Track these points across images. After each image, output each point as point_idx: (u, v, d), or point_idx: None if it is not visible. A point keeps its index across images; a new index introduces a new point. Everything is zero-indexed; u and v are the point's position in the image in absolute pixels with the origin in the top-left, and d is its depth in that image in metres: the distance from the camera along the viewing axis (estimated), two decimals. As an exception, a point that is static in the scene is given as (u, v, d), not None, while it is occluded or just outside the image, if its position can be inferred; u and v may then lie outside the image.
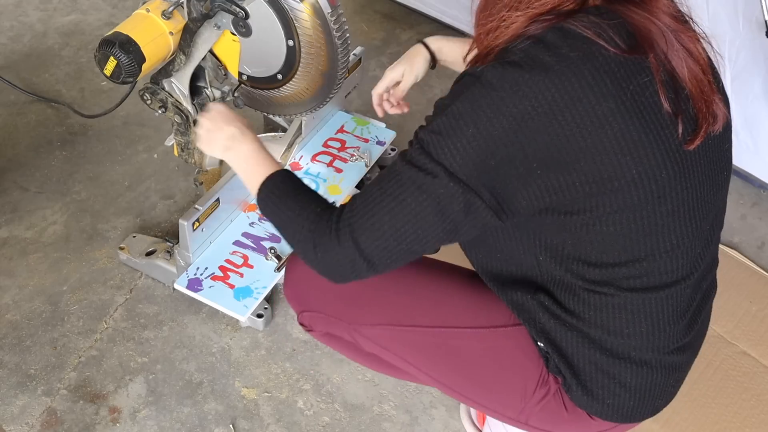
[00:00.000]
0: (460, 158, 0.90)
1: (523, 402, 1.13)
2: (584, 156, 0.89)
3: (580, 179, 0.90)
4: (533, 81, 0.87)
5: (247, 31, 1.48)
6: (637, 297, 1.00)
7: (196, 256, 1.63)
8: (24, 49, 2.40)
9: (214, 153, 1.25)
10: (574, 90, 0.87)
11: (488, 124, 0.88)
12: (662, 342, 1.04)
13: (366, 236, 0.97)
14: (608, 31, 0.89)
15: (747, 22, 1.75)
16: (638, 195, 0.92)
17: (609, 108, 0.88)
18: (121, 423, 1.52)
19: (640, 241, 0.96)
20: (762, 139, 1.92)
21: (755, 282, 1.80)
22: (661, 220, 0.95)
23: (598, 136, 0.88)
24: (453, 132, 0.90)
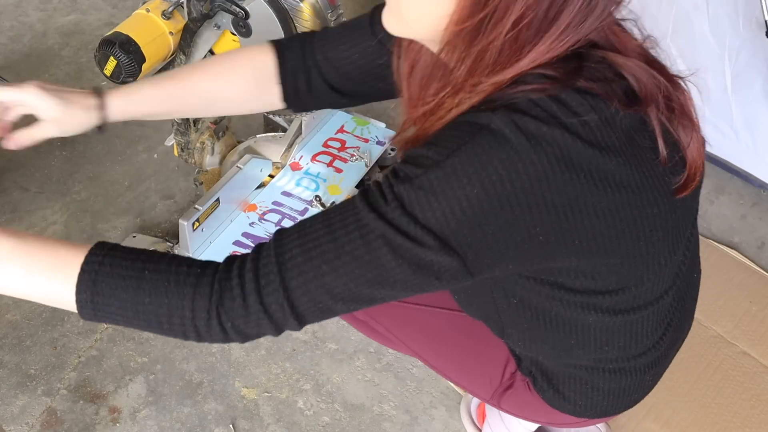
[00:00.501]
0: (456, 223, 0.74)
1: (491, 388, 1.17)
2: (588, 214, 0.78)
3: (579, 237, 0.80)
4: (551, 134, 0.74)
5: (247, 31, 1.48)
6: (619, 318, 0.95)
7: (196, 256, 1.63)
8: (24, 49, 2.40)
9: None
10: (590, 147, 0.76)
11: (499, 185, 0.73)
12: (639, 350, 1.02)
13: (306, 299, 0.78)
14: (612, 84, 0.79)
15: (747, 22, 1.75)
16: (632, 236, 0.83)
17: (617, 162, 0.77)
18: (121, 423, 1.52)
19: (630, 272, 0.88)
20: (762, 139, 1.92)
21: (755, 282, 1.80)
22: (653, 248, 0.87)
23: (605, 192, 0.78)
24: (451, 191, 0.73)
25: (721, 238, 1.92)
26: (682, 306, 1.07)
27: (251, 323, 0.79)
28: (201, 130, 1.71)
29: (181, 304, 0.78)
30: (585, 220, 0.78)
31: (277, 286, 0.78)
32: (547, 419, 1.17)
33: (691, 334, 1.17)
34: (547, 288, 0.92)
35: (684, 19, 1.85)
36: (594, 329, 0.96)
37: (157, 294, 0.79)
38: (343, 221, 0.78)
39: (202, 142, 1.74)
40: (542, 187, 0.74)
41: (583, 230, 0.78)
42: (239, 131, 2.00)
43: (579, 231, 0.78)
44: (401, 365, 1.62)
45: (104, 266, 0.79)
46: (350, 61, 1.07)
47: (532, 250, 0.78)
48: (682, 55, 1.91)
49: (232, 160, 1.80)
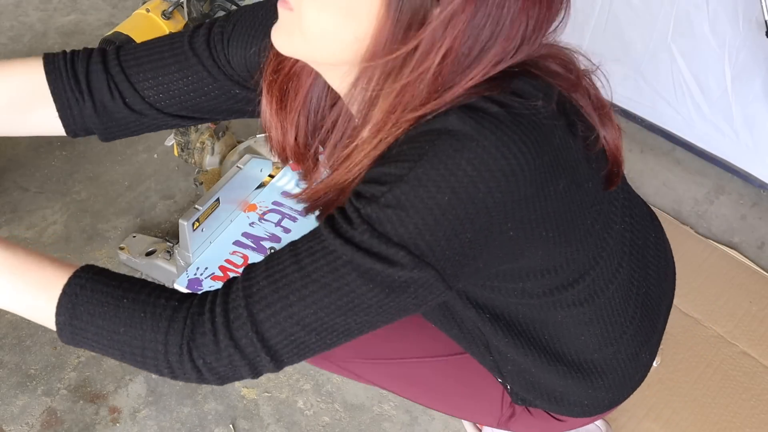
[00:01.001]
0: (431, 235, 0.70)
1: (496, 419, 1.18)
2: (551, 200, 0.75)
3: (545, 227, 0.77)
4: (516, 125, 0.70)
5: (247, 31, 1.48)
6: (587, 308, 0.94)
7: (196, 256, 1.63)
8: (24, 49, 2.40)
9: None
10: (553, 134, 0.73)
11: (471, 187, 0.69)
12: (619, 331, 1.00)
13: (276, 331, 0.74)
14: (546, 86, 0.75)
15: (747, 22, 1.75)
16: (581, 215, 0.81)
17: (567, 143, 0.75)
18: (121, 423, 1.52)
19: (584, 256, 0.87)
20: (762, 139, 1.92)
21: (755, 282, 1.80)
22: (596, 224, 0.85)
23: (563, 175, 0.75)
24: (421, 203, 0.69)
25: (721, 238, 1.92)
26: (645, 272, 1.03)
27: (223, 360, 0.75)
28: (201, 130, 1.71)
29: (154, 337, 0.75)
30: (549, 206, 0.74)
31: (245, 319, 0.74)
32: (561, 427, 1.17)
33: (691, 334, 1.17)
34: (513, 298, 0.90)
35: (684, 19, 1.85)
36: (567, 325, 0.95)
37: (132, 324, 0.75)
38: (309, 250, 0.74)
39: (202, 142, 1.74)
40: (518, 180, 0.70)
41: (548, 219, 0.75)
42: (239, 131, 2.00)
43: (545, 220, 0.75)
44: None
45: (85, 290, 0.76)
46: (168, 87, 0.93)
47: (501, 247, 0.75)
48: (682, 55, 1.91)
49: (232, 160, 1.80)
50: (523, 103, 0.71)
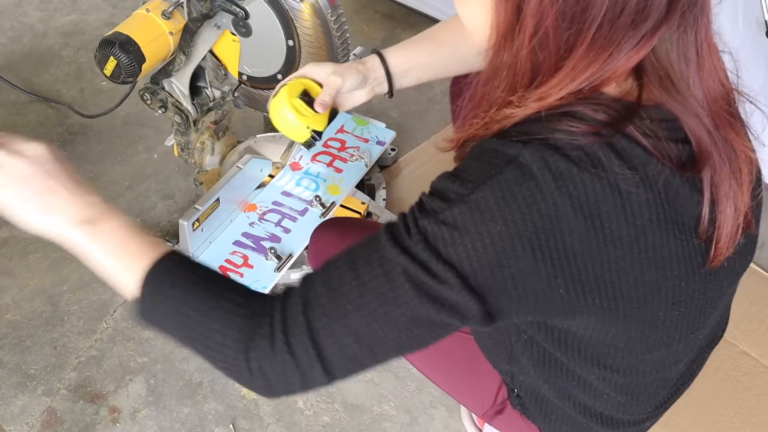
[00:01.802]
0: (477, 261, 0.71)
1: (482, 408, 1.18)
2: (608, 268, 0.74)
3: (599, 294, 0.76)
4: (580, 178, 0.70)
5: (247, 31, 1.48)
6: (622, 378, 0.93)
7: (196, 256, 1.63)
8: (24, 49, 2.40)
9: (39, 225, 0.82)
10: (622, 199, 0.72)
11: (521, 223, 0.70)
12: (639, 408, 1.01)
13: (329, 342, 0.75)
14: (665, 142, 0.74)
15: (747, 22, 1.75)
16: (650, 305, 0.79)
17: (647, 220, 0.73)
18: (121, 423, 1.52)
19: (641, 342, 0.85)
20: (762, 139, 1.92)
21: (755, 282, 1.80)
22: (671, 321, 0.84)
23: (626, 250, 0.74)
24: (474, 227, 0.71)
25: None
26: (691, 373, 1.07)
27: (276, 365, 0.75)
28: (201, 130, 1.71)
29: (219, 329, 0.76)
30: (606, 274, 0.74)
31: (302, 327, 0.74)
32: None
33: (691, 334, 1.17)
34: (555, 344, 0.89)
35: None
36: (595, 384, 0.95)
37: (202, 312, 0.77)
38: (366, 257, 0.75)
39: (202, 142, 1.74)
40: (563, 230, 0.70)
41: (603, 287, 0.75)
42: (239, 131, 2.00)
43: (599, 287, 0.74)
44: (401, 365, 1.62)
45: (171, 270, 0.79)
46: None
47: (552, 302, 0.75)
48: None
49: (232, 160, 1.80)
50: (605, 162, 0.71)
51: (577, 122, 0.72)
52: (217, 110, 1.70)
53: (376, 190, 1.88)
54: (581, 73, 0.72)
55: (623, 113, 0.73)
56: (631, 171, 0.71)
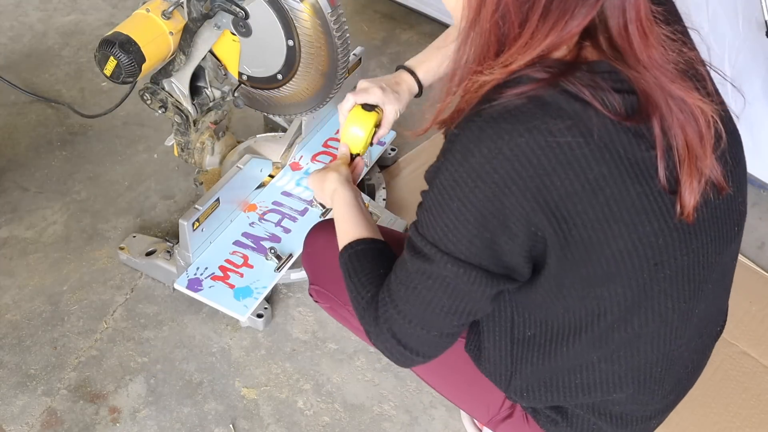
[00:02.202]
0: (452, 236, 0.84)
1: (489, 415, 1.17)
2: (574, 222, 0.81)
3: (570, 248, 0.83)
4: (517, 141, 0.78)
5: (247, 31, 1.48)
6: (627, 359, 0.96)
7: (196, 256, 1.63)
8: (24, 49, 2.40)
9: (326, 195, 1.24)
10: (564, 153, 0.78)
11: (471, 195, 0.80)
12: (645, 401, 1.02)
13: (398, 326, 0.95)
14: (608, 93, 0.80)
15: (747, 22, 1.75)
16: (632, 263, 0.85)
17: (602, 173, 0.80)
18: (121, 423, 1.52)
19: (634, 308, 0.90)
20: (762, 139, 1.92)
21: (755, 282, 1.80)
22: (657, 285, 0.88)
23: (589, 202, 0.81)
24: (440, 208, 0.84)
25: (721, 238, 1.92)
26: (695, 367, 1.08)
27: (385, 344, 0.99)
28: (201, 130, 1.71)
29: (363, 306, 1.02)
30: (572, 230, 0.82)
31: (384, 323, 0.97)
32: None
33: (691, 334, 1.16)
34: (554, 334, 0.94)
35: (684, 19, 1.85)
36: (601, 369, 0.96)
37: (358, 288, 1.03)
38: (400, 260, 0.95)
39: (202, 142, 1.74)
40: (514, 193, 0.79)
41: (572, 240, 0.82)
42: (239, 131, 2.00)
43: (568, 240, 0.82)
44: (401, 365, 1.62)
45: (356, 251, 1.07)
46: None
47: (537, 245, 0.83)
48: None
49: (232, 160, 1.80)
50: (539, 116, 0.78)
51: (517, 87, 0.80)
52: (217, 110, 1.70)
53: (376, 190, 1.88)
54: (541, 41, 0.79)
55: (563, 69, 0.80)
56: (565, 123, 0.78)
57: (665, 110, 0.81)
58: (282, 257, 1.63)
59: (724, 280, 1.02)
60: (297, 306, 1.71)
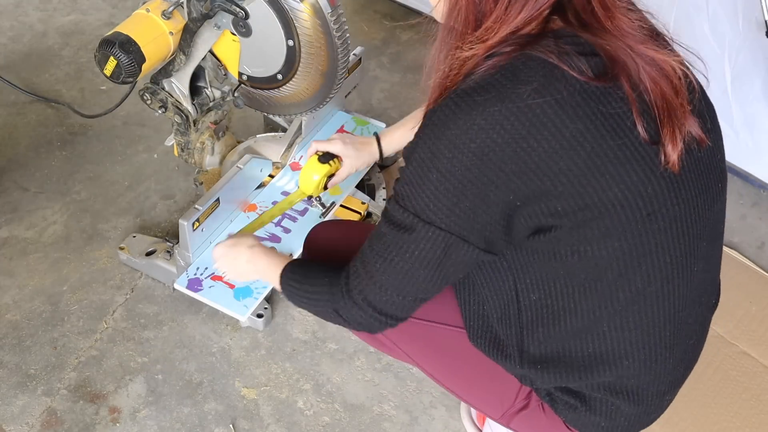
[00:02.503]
0: (433, 206, 0.89)
1: (503, 408, 1.16)
2: (560, 180, 0.85)
3: (562, 205, 0.86)
4: (489, 111, 0.83)
5: (247, 31, 1.48)
6: (635, 322, 0.97)
7: (196, 256, 1.63)
8: (24, 49, 2.40)
9: (243, 276, 1.33)
10: (536, 115, 0.82)
11: (449, 165, 0.85)
12: (657, 371, 1.03)
13: (373, 296, 1.00)
14: (573, 56, 0.84)
15: (747, 22, 1.75)
16: (625, 214, 0.88)
17: (578, 129, 0.83)
18: (121, 423, 1.52)
19: (633, 263, 0.92)
20: (762, 139, 1.92)
21: (755, 282, 1.80)
22: (653, 238, 0.91)
23: (571, 159, 0.84)
24: (420, 180, 0.89)
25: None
26: (698, 339, 1.09)
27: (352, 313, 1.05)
28: (201, 130, 1.71)
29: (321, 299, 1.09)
30: (558, 186, 0.85)
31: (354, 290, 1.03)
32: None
33: (691, 334, 1.16)
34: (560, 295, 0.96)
35: (684, 19, 1.85)
36: (612, 337, 0.97)
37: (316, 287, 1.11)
38: (376, 231, 0.99)
39: (202, 142, 1.74)
40: (492, 159, 0.84)
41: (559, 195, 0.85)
42: (239, 131, 2.00)
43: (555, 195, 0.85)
44: (401, 365, 1.62)
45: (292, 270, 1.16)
46: None
47: (518, 215, 0.88)
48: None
49: (232, 160, 1.80)
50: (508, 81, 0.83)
51: (489, 61, 0.85)
52: (217, 110, 1.70)
53: (376, 190, 1.88)
54: (515, 15, 0.85)
55: (530, 40, 0.85)
56: (533, 86, 0.82)
57: (634, 69, 0.85)
58: (282, 257, 1.63)
59: (716, 243, 1.05)
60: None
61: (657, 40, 0.92)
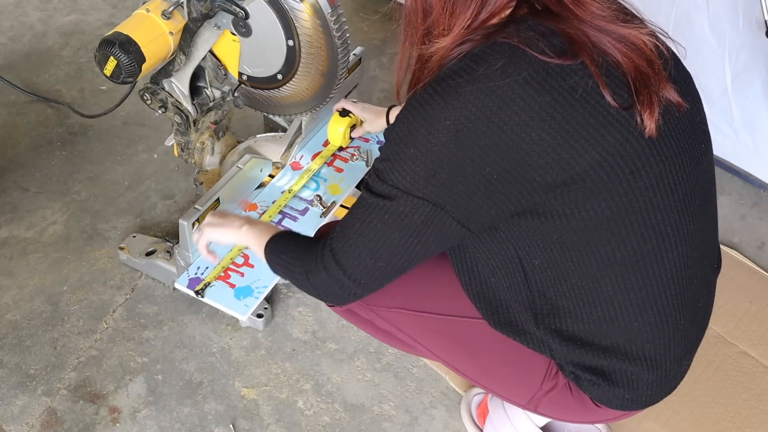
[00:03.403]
0: (410, 178, 0.94)
1: (531, 393, 1.17)
2: (534, 150, 0.90)
3: (540, 174, 0.91)
4: (461, 92, 0.90)
5: (247, 31, 1.48)
6: (637, 282, 1.00)
7: (196, 256, 1.63)
8: (24, 49, 2.40)
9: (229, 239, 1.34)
10: (504, 92, 0.88)
11: (425, 141, 0.92)
12: (670, 333, 1.05)
13: (345, 258, 1.04)
14: (536, 39, 0.90)
15: (747, 21, 1.75)
16: (606, 174, 0.92)
17: (546, 102, 0.89)
18: (121, 423, 1.52)
19: (624, 222, 0.95)
20: (762, 139, 1.92)
21: (755, 282, 1.80)
22: (641, 195, 0.95)
23: (542, 129, 0.89)
24: (397, 156, 0.95)
25: (721, 238, 1.91)
26: (705, 304, 1.11)
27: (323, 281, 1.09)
28: (201, 130, 1.71)
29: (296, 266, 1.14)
30: (534, 156, 0.90)
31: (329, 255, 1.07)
32: (584, 418, 1.19)
33: (691, 334, 1.16)
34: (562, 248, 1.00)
35: (684, 19, 1.85)
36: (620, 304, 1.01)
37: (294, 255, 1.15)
38: (358, 200, 1.04)
39: (202, 142, 1.74)
40: (465, 135, 0.90)
41: (536, 164, 0.90)
42: (239, 131, 2.00)
43: (532, 165, 0.90)
44: (401, 365, 1.62)
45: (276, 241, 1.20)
46: None
47: (497, 188, 0.93)
48: (681, 55, 1.91)
49: (232, 160, 1.80)
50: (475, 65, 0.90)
51: (459, 50, 0.93)
52: (217, 110, 1.70)
53: (376, 190, 1.88)
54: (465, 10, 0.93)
55: (495, 29, 0.92)
56: (498, 66, 0.88)
57: (601, 46, 0.91)
58: (282, 257, 1.63)
59: (709, 204, 1.08)
60: (297, 306, 1.71)
61: (628, 18, 0.97)
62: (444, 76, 0.92)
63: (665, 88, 0.95)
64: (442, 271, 1.20)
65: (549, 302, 1.05)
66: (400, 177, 0.95)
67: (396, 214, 0.97)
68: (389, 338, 1.30)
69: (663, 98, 0.95)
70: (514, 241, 1.01)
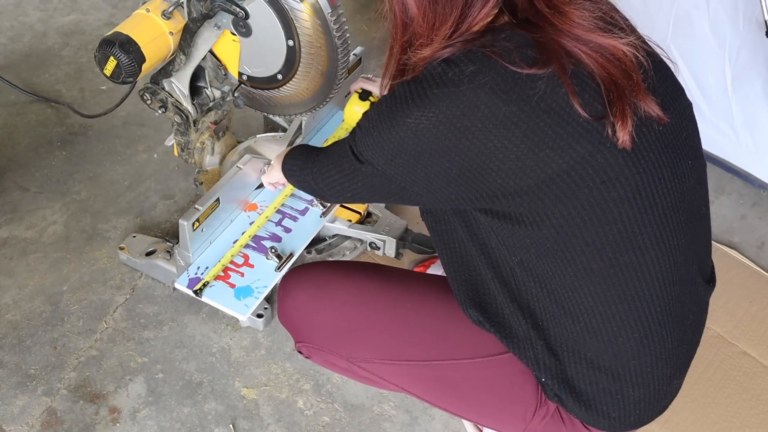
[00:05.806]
0: (373, 154, 1.02)
1: (524, 424, 1.16)
2: (496, 156, 0.91)
3: (502, 178, 0.93)
4: (429, 94, 0.93)
5: (247, 31, 1.48)
6: (618, 295, 0.99)
7: (196, 256, 1.63)
8: (24, 49, 2.40)
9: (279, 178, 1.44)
10: (469, 98, 0.90)
11: (387, 132, 0.98)
12: (657, 350, 1.03)
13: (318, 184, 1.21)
14: (510, 50, 0.91)
15: (747, 21, 1.76)
16: (574, 181, 0.92)
17: (511, 111, 0.89)
18: (121, 423, 1.52)
19: (599, 232, 0.94)
20: (762, 139, 1.92)
21: (755, 282, 1.80)
22: (615, 206, 0.94)
23: (505, 138, 0.90)
24: (367, 132, 1.03)
25: (721, 238, 1.92)
26: (697, 318, 1.09)
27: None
28: (201, 130, 1.71)
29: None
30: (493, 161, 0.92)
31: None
32: None
33: (691, 334, 1.16)
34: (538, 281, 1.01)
35: (684, 19, 1.86)
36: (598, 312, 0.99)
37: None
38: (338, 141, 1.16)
39: (202, 142, 1.74)
40: (426, 135, 0.94)
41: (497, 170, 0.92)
42: (239, 131, 2.00)
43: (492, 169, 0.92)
44: (401, 365, 1.62)
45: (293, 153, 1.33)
46: None
47: (458, 183, 0.96)
48: (682, 55, 1.91)
49: (232, 160, 1.80)
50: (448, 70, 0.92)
51: (439, 55, 0.95)
52: (217, 110, 1.70)
53: (376, 190, 1.88)
54: (446, 20, 0.95)
55: (472, 37, 0.94)
56: (469, 72, 0.90)
57: (575, 56, 0.91)
58: (282, 257, 1.63)
59: (700, 222, 1.06)
60: (297, 306, 1.71)
61: (609, 28, 0.95)
62: (421, 77, 0.96)
63: (644, 100, 0.93)
64: (414, 307, 1.21)
65: (532, 300, 1.04)
66: (366, 150, 1.03)
67: (361, 174, 1.07)
68: (380, 384, 1.28)
69: (641, 110, 0.93)
70: (495, 233, 1.02)
